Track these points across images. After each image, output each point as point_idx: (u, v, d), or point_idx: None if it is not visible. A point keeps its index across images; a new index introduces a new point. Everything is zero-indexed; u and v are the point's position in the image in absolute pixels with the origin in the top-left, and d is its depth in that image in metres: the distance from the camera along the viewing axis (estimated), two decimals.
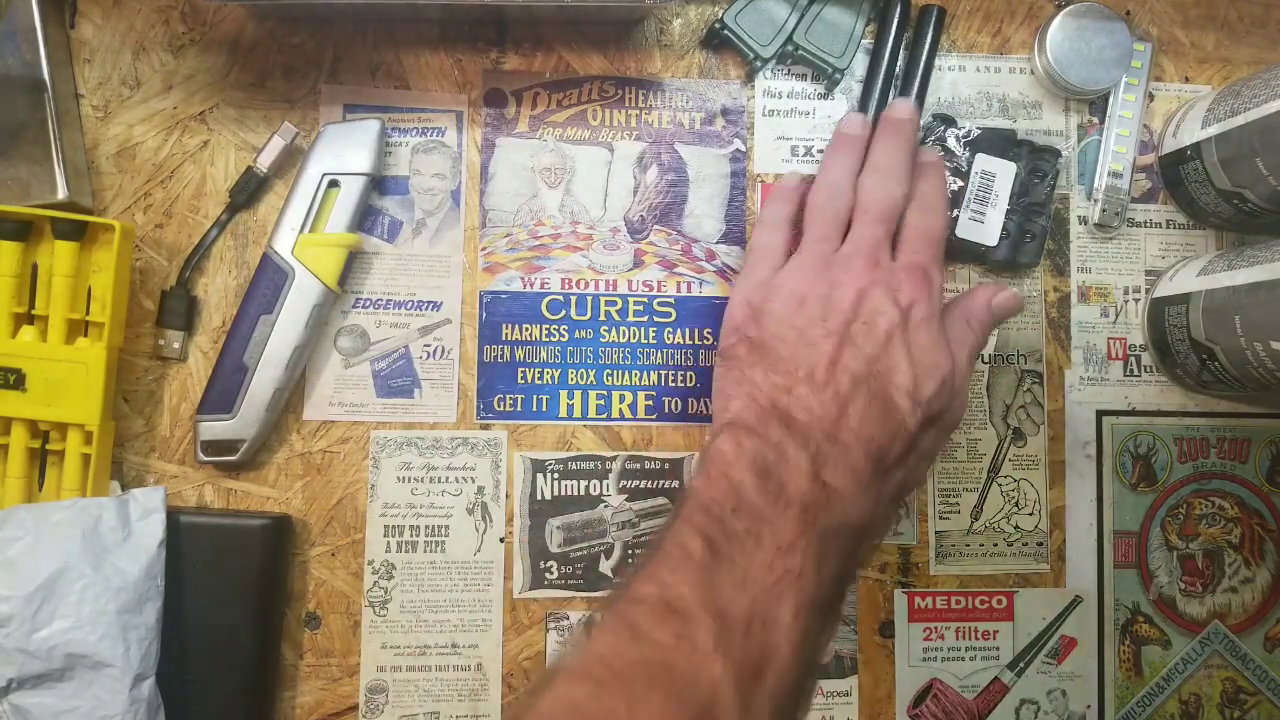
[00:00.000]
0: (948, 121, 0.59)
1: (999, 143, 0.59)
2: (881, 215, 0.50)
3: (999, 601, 0.59)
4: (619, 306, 0.58)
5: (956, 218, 0.58)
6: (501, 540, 0.57)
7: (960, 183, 0.58)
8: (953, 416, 0.49)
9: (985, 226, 0.58)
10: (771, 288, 0.50)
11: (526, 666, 0.56)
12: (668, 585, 0.39)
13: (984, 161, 0.58)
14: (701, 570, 0.39)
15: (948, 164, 0.58)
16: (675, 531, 0.41)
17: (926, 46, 0.59)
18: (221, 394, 0.54)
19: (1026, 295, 0.60)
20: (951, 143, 0.58)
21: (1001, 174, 0.58)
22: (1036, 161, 0.59)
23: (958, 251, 0.59)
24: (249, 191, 0.56)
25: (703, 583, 0.38)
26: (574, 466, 0.57)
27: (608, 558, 0.57)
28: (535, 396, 0.57)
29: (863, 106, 0.59)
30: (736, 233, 0.59)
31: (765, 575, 0.39)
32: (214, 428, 0.54)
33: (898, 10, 0.58)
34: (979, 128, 0.59)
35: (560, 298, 0.58)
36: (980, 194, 0.58)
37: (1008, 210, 0.58)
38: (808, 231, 0.52)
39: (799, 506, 0.41)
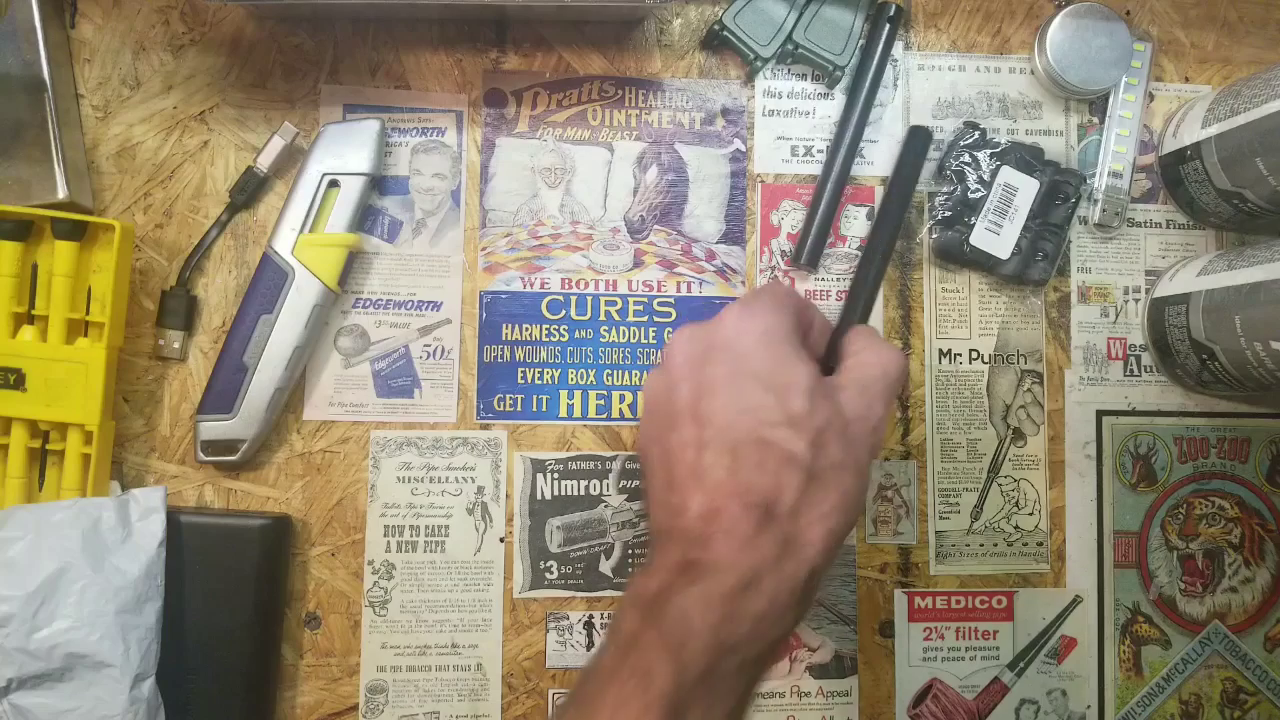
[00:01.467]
0: (977, 129, 0.59)
1: (1026, 159, 0.59)
2: None
3: (999, 601, 0.59)
4: (619, 306, 0.58)
5: (973, 226, 0.58)
6: (501, 540, 0.57)
7: (982, 191, 0.58)
8: (859, 412, 0.42)
9: (1000, 239, 0.58)
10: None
11: (526, 666, 0.56)
12: None
13: (1008, 175, 0.58)
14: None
15: (971, 171, 0.58)
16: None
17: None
18: (221, 394, 0.54)
19: (1028, 295, 0.60)
20: (978, 151, 0.58)
21: (1024, 189, 0.58)
22: (1059, 183, 0.59)
23: (969, 260, 0.59)
24: (249, 191, 0.56)
25: None
26: (574, 466, 0.57)
27: (608, 558, 0.57)
28: (535, 396, 0.57)
29: (847, 109, 0.59)
30: (736, 233, 0.59)
31: (610, 689, 0.35)
32: (214, 428, 0.54)
33: (889, 15, 0.58)
34: (1009, 140, 0.59)
35: (560, 298, 0.58)
36: (1000, 206, 0.57)
37: (1023, 226, 0.58)
38: None
39: (646, 602, 0.37)
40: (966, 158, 0.58)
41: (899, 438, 0.59)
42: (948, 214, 0.59)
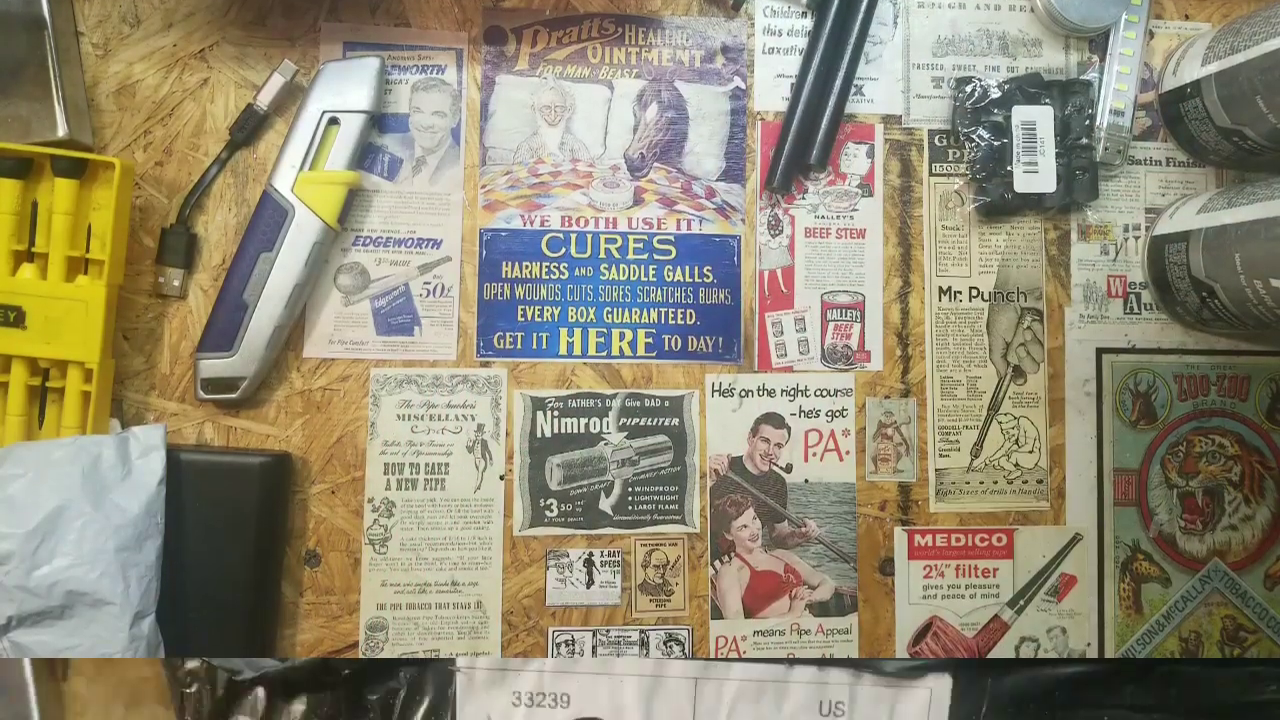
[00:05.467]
0: (969, 83, 0.59)
1: (1030, 90, 0.59)
2: None
3: (999, 539, 0.59)
4: (619, 244, 0.58)
5: (1011, 174, 0.58)
6: (501, 478, 0.57)
7: (1004, 139, 0.58)
8: None
9: (1040, 175, 0.58)
10: None
11: (526, 604, 0.56)
12: None
13: (1022, 113, 0.58)
14: None
15: (985, 126, 0.57)
16: None
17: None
18: (221, 332, 0.54)
19: (1028, 232, 0.60)
20: (981, 104, 0.58)
21: (1041, 120, 0.58)
22: (1069, 97, 0.59)
23: (1015, 207, 0.59)
24: (249, 129, 0.55)
25: None
26: (574, 404, 0.57)
27: (607, 495, 0.57)
28: (535, 334, 0.57)
29: (817, 26, 0.59)
30: (736, 170, 0.59)
31: None
32: (214, 365, 0.54)
33: None
34: (1007, 79, 0.59)
35: (560, 235, 0.58)
36: (1027, 144, 0.57)
37: (1055, 153, 0.58)
38: None
39: None
40: (974, 117, 0.58)
41: (899, 375, 0.59)
42: (981, 174, 0.59)
